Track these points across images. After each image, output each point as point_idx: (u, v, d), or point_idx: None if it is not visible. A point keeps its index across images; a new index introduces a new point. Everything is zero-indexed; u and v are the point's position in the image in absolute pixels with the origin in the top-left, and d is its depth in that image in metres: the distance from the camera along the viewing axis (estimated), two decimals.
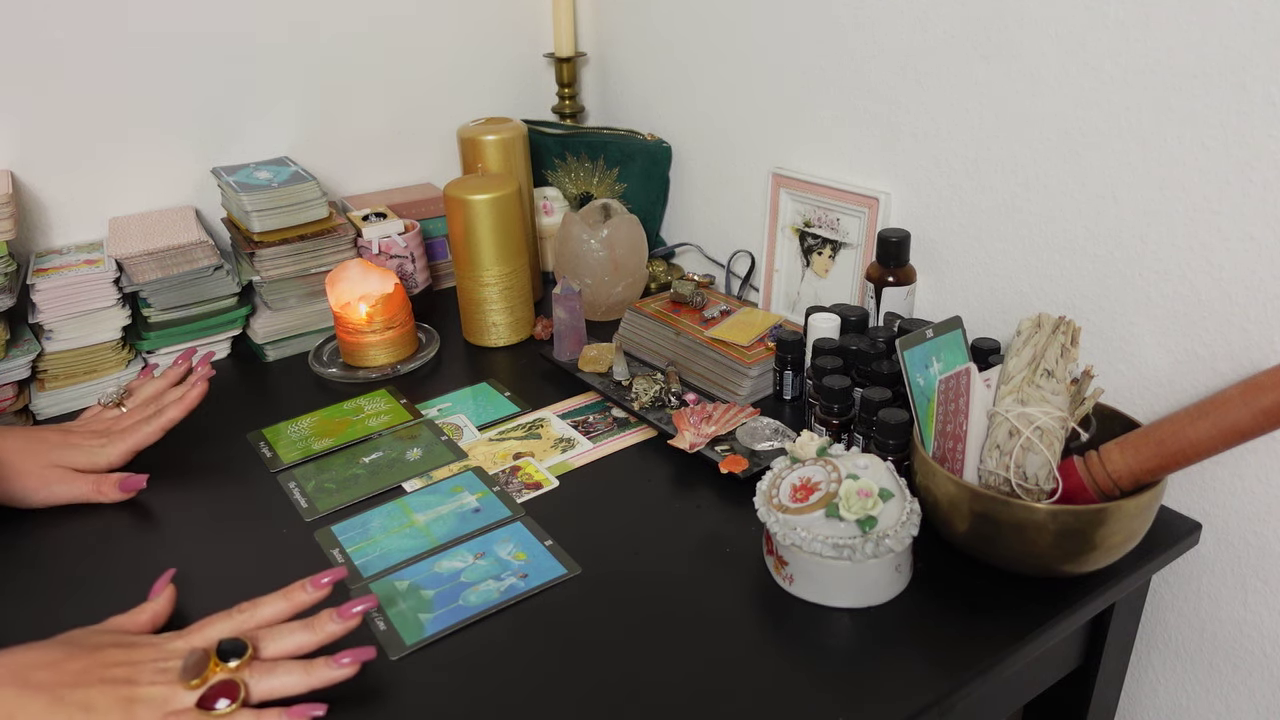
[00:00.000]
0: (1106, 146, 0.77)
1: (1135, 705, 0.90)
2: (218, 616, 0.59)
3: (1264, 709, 0.80)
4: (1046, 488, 0.66)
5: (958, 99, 0.87)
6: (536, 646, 0.65)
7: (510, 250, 1.05)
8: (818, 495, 0.66)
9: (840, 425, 0.82)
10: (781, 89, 1.05)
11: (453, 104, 1.31)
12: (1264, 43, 0.65)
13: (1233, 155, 0.69)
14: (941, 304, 0.95)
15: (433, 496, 0.81)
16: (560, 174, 1.32)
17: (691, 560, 0.73)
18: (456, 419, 0.94)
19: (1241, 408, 0.60)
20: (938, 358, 0.73)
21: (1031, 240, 0.85)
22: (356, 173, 1.27)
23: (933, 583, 0.69)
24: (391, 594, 0.70)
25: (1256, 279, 0.70)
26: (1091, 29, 0.75)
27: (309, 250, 1.07)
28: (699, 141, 1.21)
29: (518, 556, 0.73)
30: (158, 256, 1.01)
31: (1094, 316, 0.82)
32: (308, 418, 0.95)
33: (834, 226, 1.01)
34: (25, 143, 1.05)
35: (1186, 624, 0.84)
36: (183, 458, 0.89)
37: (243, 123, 1.16)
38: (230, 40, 1.12)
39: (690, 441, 0.83)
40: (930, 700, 0.59)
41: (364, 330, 1.02)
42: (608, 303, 1.13)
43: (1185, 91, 0.71)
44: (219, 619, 0.59)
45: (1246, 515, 0.76)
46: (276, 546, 0.76)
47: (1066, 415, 0.67)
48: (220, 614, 0.59)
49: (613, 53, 1.32)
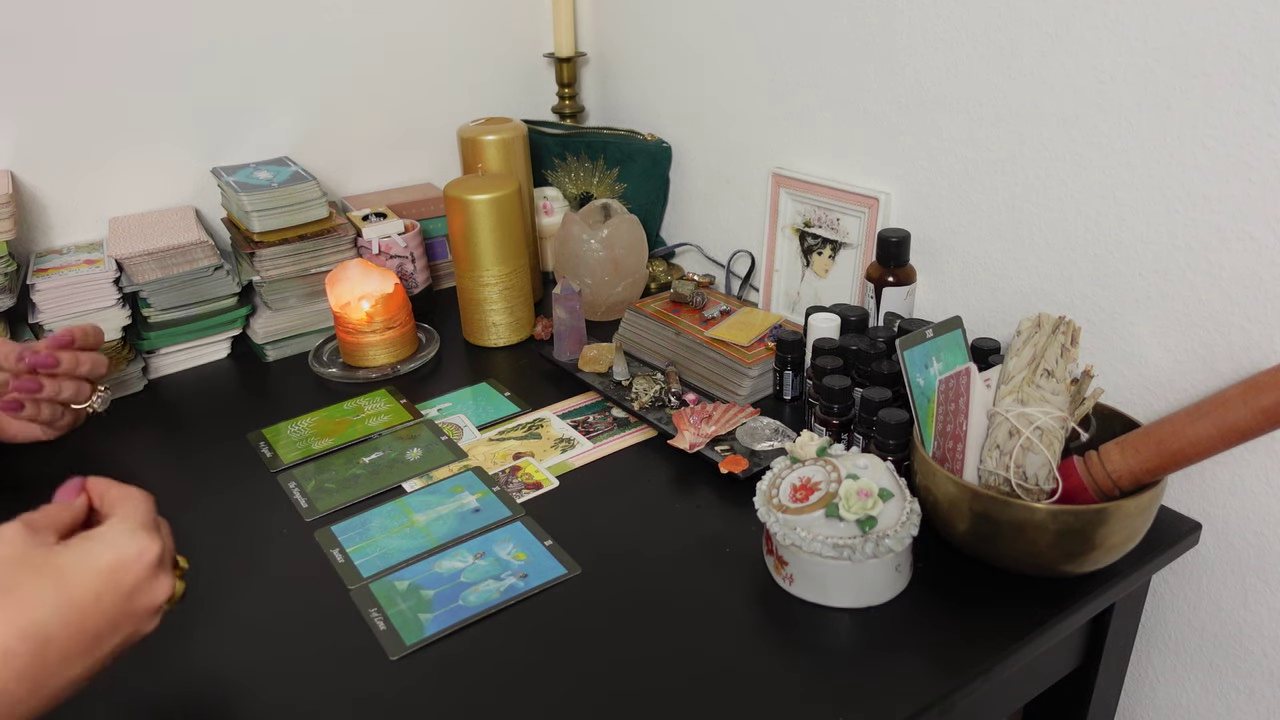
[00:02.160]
0: (1106, 146, 0.77)
1: (1135, 705, 0.90)
2: (132, 509, 0.53)
3: (1264, 709, 0.80)
4: (1046, 488, 0.66)
5: (958, 99, 0.87)
6: (536, 646, 0.65)
7: (510, 250, 1.05)
8: (818, 495, 0.66)
9: (840, 425, 0.82)
10: (781, 89, 1.05)
11: (453, 104, 1.31)
12: (1264, 43, 0.65)
13: (1233, 155, 0.69)
14: (941, 304, 0.95)
15: (433, 496, 0.81)
16: (560, 174, 1.32)
17: (691, 560, 0.73)
18: (456, 419, 0.94)
19: (1241, 408, 0.60)
20: (938, 358, 0.73)
21: (1031, 240, 0.85)
22: (356, 173, 1.27)
23: (933, 583, 0.69)
24: (391, 594, 0.70)
25: (1256, 279, 0.70)
26: (1091, 29, 0.75)
27: (309, 250, 1.07)
28: (699, 141, 1.21)
29: (518, 556, 0.73)
30: (158, 256, 1.01)
31: (1094, 316, 0.82)
32: (308, 418, 0.95)
33: (834, 226, 1.01)
34: (25, 143, 1.05)
35: (1186, 624, 0.84)
36: (183, 458, 0.89)
37: (243, 123, 1.16)
38: (230, 40, 1.12)
39: (690, 441, 0.83)
40: (930, 700, 0.59)
41: (364, 330, 1.02)
42: (608, 303, 1.13)
43: (1185, 91, 0.71)
44: (134, 507, 0.53)
45: (1246, 515, 0.76)
46: (276, 546, 0.76)
47: (1066, 415, 0.67)
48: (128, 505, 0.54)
49: (613, 53, 1.32)
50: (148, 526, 0.51)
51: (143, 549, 0.50)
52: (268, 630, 0.67)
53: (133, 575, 0.49)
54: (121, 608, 0.49)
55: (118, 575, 0.49)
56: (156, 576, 0.51)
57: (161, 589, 0.51)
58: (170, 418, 0.97)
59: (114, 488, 0.54)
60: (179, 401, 1.00)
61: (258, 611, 0.69)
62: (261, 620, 0.68)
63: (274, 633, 0.67)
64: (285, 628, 0.68)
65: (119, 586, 0.49)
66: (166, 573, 0.51)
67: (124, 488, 0.54)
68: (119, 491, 0.54)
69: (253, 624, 0.68)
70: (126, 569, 0.49)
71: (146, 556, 0.50)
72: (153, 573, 0.50)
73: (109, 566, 0.49)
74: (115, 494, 0.54)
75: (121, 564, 0.49)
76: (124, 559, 0.49)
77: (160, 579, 0.51)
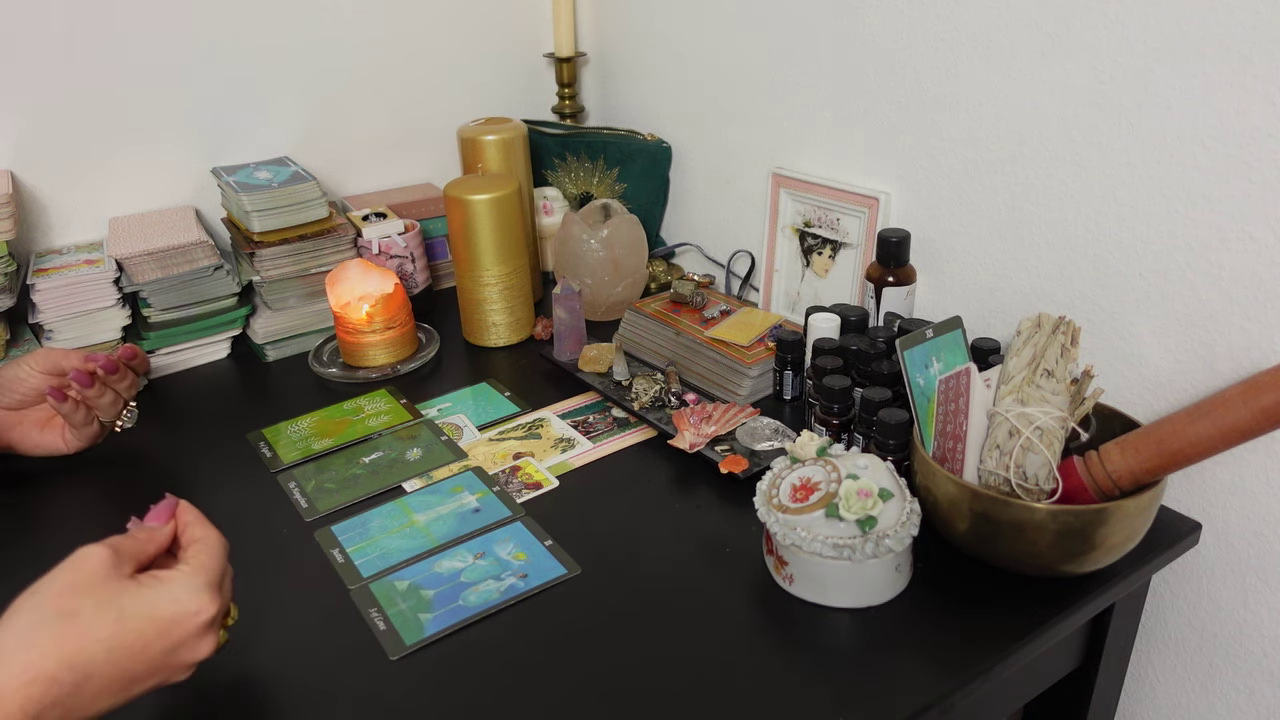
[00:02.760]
0: (1106, 146, 0.77)
1: (1135, 705, 0.90)
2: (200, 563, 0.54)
3: (1264, 709, 0.80)
4: (1046, 488, 0.66)
5: (958, 99, 0.87)
6: (536, 646, 0.65)
7: (510, 250, 1.05)
8: (818, 495, 0.66)
9: (840, 425, 0.82)
10: (781, 89, 1.05)
11: (453, 104, 1.31)
12: (1264, 43, 0.65)
13: (1233, 155, 0.69)
14: (941, 304, 0.95)
15: (433, 496, 0.81)
16: (560, 174, 1.32)
17: (691, 560, 0.73)
18: (456, 419, 0.94)
19: (1241, 408, 0.60)
20: (938, 358, 0.73)
21: (1031, 240, 0.85)
22: (356, 173, 1.27)
23: (933, 583, 0.69)
24: (391, 594, 0.70)
25: (1256, 279, 0.70)
26: (1091, 29, 0.75)
27: (309, 250, 1.07)
28: (699, 141, 1.21)
29: (518, 556, 0.73)
30: (158, 256, 1.01)
31: (1094, 316, 0.82)
32: (308, 418, 0.95)
33: (834, 226, 1.01)
34: (25, 143, 1.05)
35: (1186, 624, 0.84)
36: (182, 457, 0.89)
37: (243, 123, 1.16)
38: (230, 40, 1.12)
39: (690, 441, 0.83)
40: (930, 700, 0.59)
41: (364, 330, 1.02)
42: (608, 303, 1.13)
43: (1185, 91, 0.71)
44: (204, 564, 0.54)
45: (1246, 515, 0.76)
46: (276, 546, 0.76)
47: (1066, 415, 0.67)
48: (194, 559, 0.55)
49: (613, 53, 1.32)
50: (213, 585, 0.52)
51: (200, 608, 0.51)
52: (267, 630, 0.67)
53: (183, 631, 0.51)
54: (164, 659, 0.50)
55: (170, 629, 0.50)
56: (204, 635, 0.52)
57: (205, 647, 0.52)
58: (170, 418, 0.97)
59: (198, 525, 0.56)
60: (179, 401, 1.00)
61: (258, 611, 0.69)
62: (261, 620, 0.68)
63: (274, 633, 0.67)
64: (285, 627, 0.68)
65: (167, 639, 0.50)
66: (215, 632, 0.53)
67: (206, 528, 0.56)
68: (200, 531, 0.56)
69: (252, 624, 0.67)
70: (180, 625, 0.51)
71: (202, 616, 0.51)
72: (202, 632, 0.52)
73: (166, 618, 0.50)
74: (196, 533, 0.56)
75: (177, 620, 0.50)
76: (181, 615, 0.51)
77: (207, 638, 0.52)
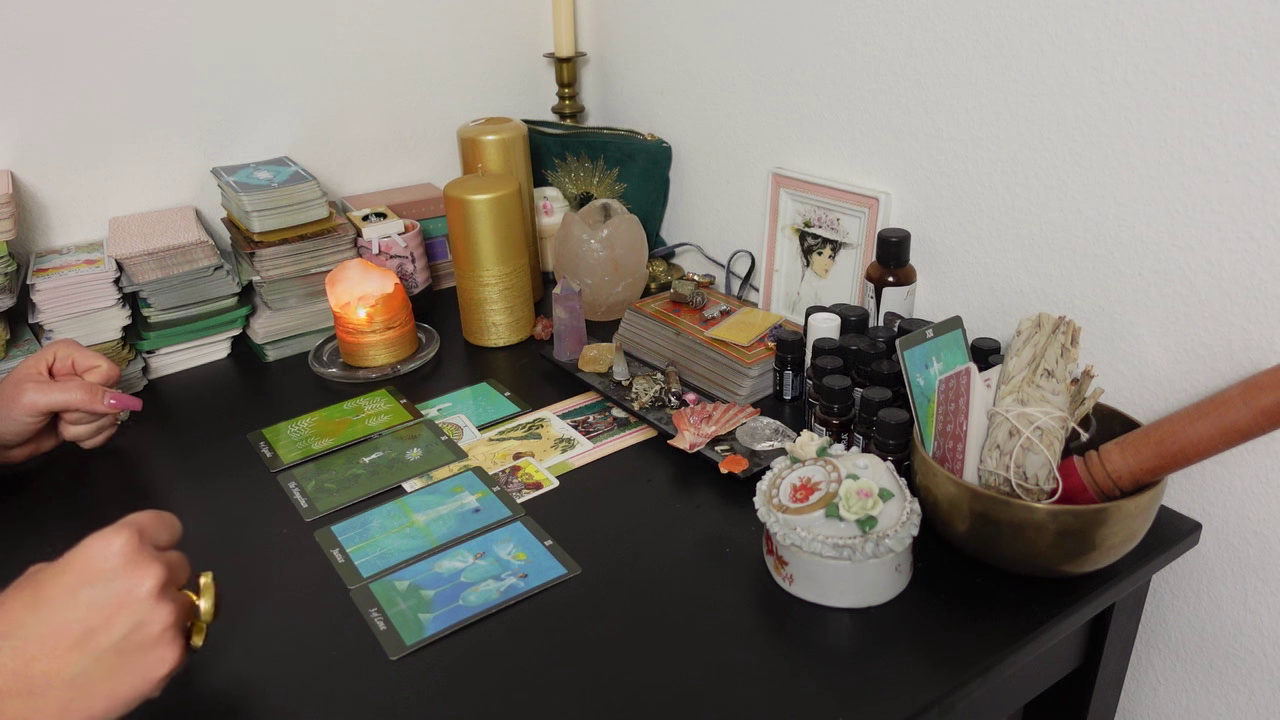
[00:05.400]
0: (1106, 146, 0.77)
1: (1135, 705, 0.90)
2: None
3: (1264, 709, 0.80)
4: (1046, 488, 0.66)
5: (958, 99, 0.87)
6: (536, 647, 0.65)
7: (510, 250, 1.05)
8: (818, 495, 0.66)
9: (840, 425, 0.82)
10: (781, 89, 1.05)
11: (453, 104, 1.31)
12: (1264, 43, 0.65)
13: (1233, 155, 0.69)
14: (941, 304, 0.95)
15: (433, 496, 0.81)
16: (560, 174, 1.32)
17: (691, 560, 0.73)
18: (456, 419, 0.94)
19: (1241, 408, 0.60)
20: (938, 358, 0.73)
21: (1031, 240, 0.85)
22: (356, 173, 1.27)
23: (933, 583, 0.69)
24: (391, 594, 0.70)
25: (1256, 279, 0.70)
26: (1091, 29, 0.75)
27: (309, 250, 1.07)
28: (699, 141, 1.21)
29: (518, 556, 0.73)
30: (158, 256, 1.01)
31: (1094, 316, 0.82)
32: (308, 418, 0.95)
33: (834, 226, 1.01)
34: (25, 143, 1.05)
35: (1186, 624, 0.84)
36: (183, 457, 0.89)
37: (243, 123, 1.16)
38: (230, 40, 1.12)
39: (690, 441, 0.83)
40: (930, 700, 0.59)
41: (364, 330, 1.02)
42: (608, 303, 1.13)
43: (1185, 91, 0.71)
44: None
45: (1246, 515, 0.76)
46: (276, 546, 0.76)
47: (1066, 415, 0.67)
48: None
49: (613, 53, 1.32)
50: (115, 529, 0.54)
51: (109, 541, 0.53)
52: (267, 630, 0.67)
53: (102, 563, 0.52)
54: (104, 596, 0.51)
55: (85, 568, 0.52)
56: (135, 563, 0.52)
57: (146, 573, 0.52)
58: (170, 418, 0.97)
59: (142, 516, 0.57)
60: (179, 401, 1.00)
61: (257, 611, 0.69)
62: (261, 620, 0.68)
63: (273, 633, 0.67)
64: (285, 628, 0.68)
65: (91, 576, 0.52)
66: (148, 560, 0.53)
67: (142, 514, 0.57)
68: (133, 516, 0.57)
69: (252, 624, 0.68)
70: (91, 561, 0.52)
71: (113, 546, 0.52)
72: (127, 559, 0.52)
73: (79, 561, 0.52)
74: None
75: (88, 559, 0.52)
76: (90, 554, 0.52)
77: (140, 565, 0.52)
